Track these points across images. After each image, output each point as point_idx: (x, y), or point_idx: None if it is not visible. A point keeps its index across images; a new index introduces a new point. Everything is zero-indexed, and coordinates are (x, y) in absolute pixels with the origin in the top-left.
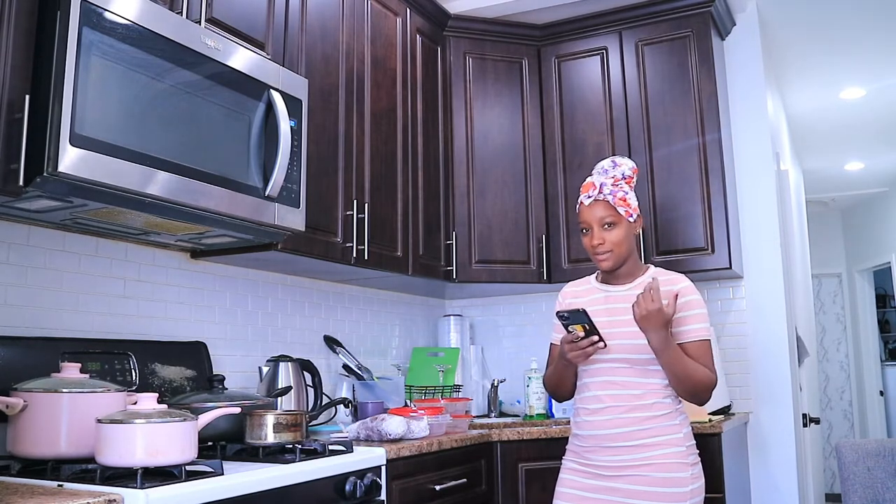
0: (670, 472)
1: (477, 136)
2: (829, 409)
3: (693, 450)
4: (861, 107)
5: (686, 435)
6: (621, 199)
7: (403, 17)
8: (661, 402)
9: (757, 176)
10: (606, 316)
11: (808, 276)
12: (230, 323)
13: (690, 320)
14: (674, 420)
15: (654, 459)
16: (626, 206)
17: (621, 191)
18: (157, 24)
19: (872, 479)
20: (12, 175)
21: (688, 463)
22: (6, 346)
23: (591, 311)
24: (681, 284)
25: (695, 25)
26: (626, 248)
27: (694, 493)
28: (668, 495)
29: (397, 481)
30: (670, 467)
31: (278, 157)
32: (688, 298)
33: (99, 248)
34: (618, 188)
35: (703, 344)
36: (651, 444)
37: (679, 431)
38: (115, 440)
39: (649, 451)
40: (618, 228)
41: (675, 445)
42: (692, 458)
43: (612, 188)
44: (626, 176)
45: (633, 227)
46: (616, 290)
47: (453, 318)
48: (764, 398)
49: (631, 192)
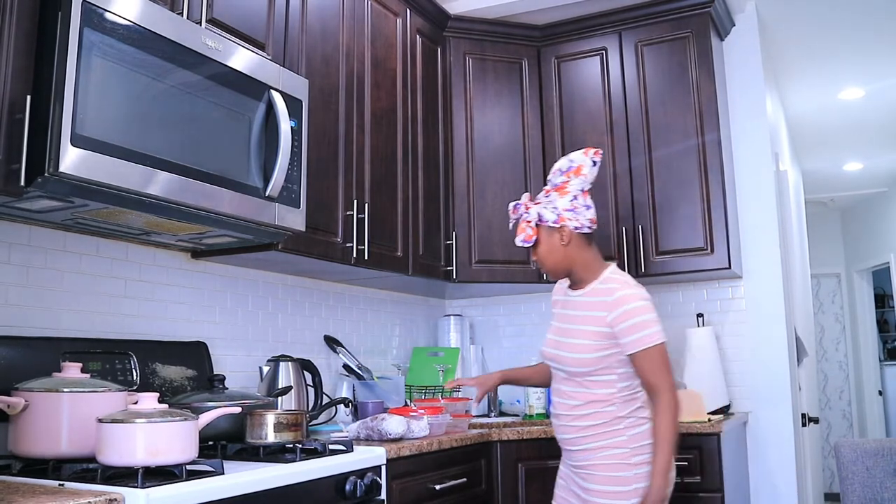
0: (613, 472)
1: (477, 137)
2: (828, 408)
3: (640, 451)
4: (860, 107)
5: (631, 437)
6: (536, 216)
7: (403, 18)
8: (601, 412)
9: (756, 176)
10: (560, 322)
11: (807, 276)
12: (231, 323)
13: (628, 332)
14: (616, 426)
15: (597, 460)
16: (540, 220)
17: (535, 206)
18: (157, 24)
19: (871, 479)
20: (13, 175)
21: (631, 464)
22: (7, 345)
23: (553, 313)
24: (618, 294)
25: (694, 26)
26: (557, 258)
27: (639, 492)
28: (612, 493)
29: (397, 481)
30: (613, 468)
31: (279, 158)
32: (625, 308)
33: (100, 249)
34: (533, 204)
35: (645, 354)
36: (593, 449)
37: (622, 435)
38: (116, 440)
39: (592, 455)
40: (541, 244)
41: (617, 448)
42: (637, 458)
43: (524, 210)
44: (557, 184)
45: (556, 234)
46: (573, 297)
47: (453, 318)
48: (763, 398)
49: (558, 200)
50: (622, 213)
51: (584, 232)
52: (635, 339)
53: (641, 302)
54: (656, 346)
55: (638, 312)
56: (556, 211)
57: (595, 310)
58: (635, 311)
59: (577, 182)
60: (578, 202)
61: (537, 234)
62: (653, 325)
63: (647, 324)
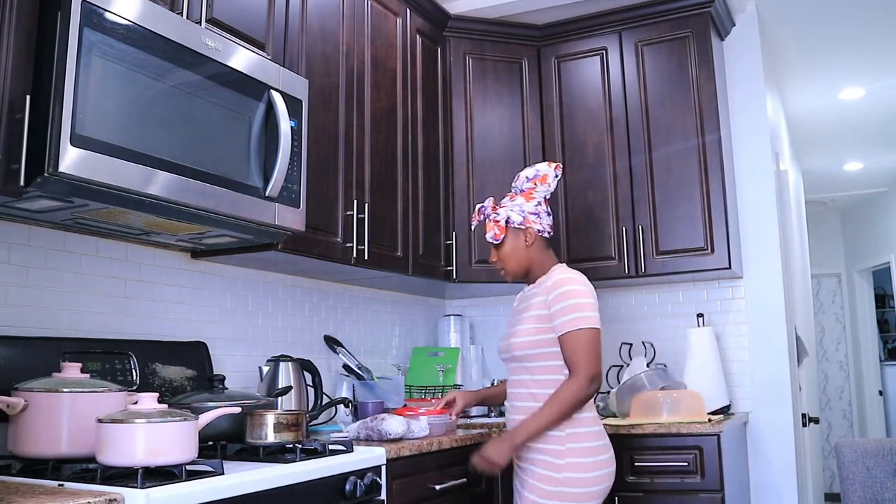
0: (544, 469)
1: (477, 136)
2: (829, 408)
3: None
4: (860, 107)
5: (569, 436)
6: (505, 217)
7: (403, 18)
8: (536, 405)
9: (756, 176)
10: (513, 318)
11: (807, 276)
12: (230, 323)
13: (559, 314)
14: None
15: (531, 452)
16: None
17: (503, 208)
18: (157, 24)
19: (871, 479)
20: (13, 175)
21: (561, 464)
22: (7, 345)
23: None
24: (555, 277)
25: (694, 26)
26: (520, 257)
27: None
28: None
29: (397, 481)
30: (544, 465)
31: (278, 157)
32: (560, 290)
33: (99, 248)
34: (500, 206)
35: (572, 336)
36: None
37: (561, 431)
38: (116, 440)
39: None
40: (506, 244)
41: (556, 443)
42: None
43: (491, 211)
44: (523, 189)
45: (522, 235)
46: (526, 294)
47: (453, 318)
48: (763, 398)
49: (524, 204)
50: (622, 212)
51: (545, 236)
52: (567, 321)
53: (578, 286)
54: (587, 329)
55: (573, 295)
56: (522, 213)
57: (537, 297)
58: (570, 294)
59: (542, 189)
60: (542, 208)
61: (505, 233)
62: (587, 309)
63: (580, 307)
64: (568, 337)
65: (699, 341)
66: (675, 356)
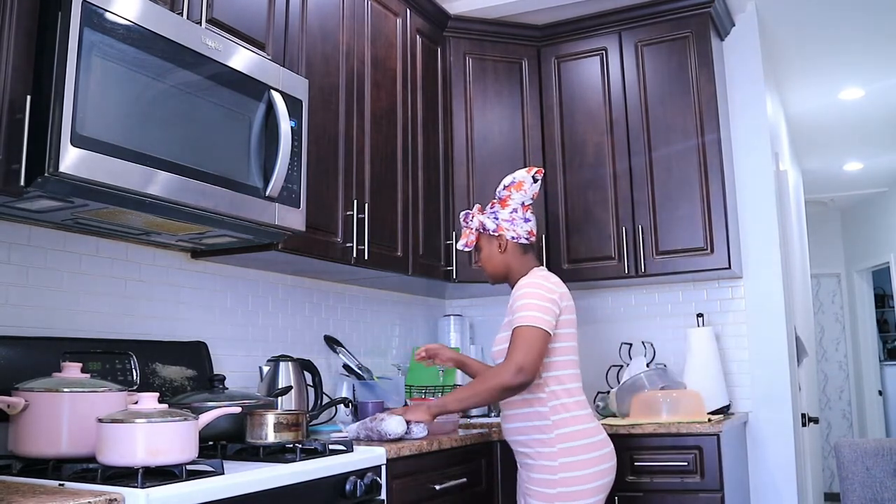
0: (542, 473)
1: (477, 137)
2: (828, 408)
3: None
4: (860, 107)
5: (558, 436)
6: (479, 223)
7: (403, 18)
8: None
9: (756, 176)
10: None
11: (807, 276)
12: (230, 323)
13: (515, 311)
14: (545, 420)
15: (528, 458)
16: (483, 229)
17: (480, 215)
18: (157, 24)
19: (871, 479)
20: (13, 175)
21: (555, 465)
22: (7, 345)
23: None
24: (520, 282)
25: (694, 26)
26: (496, 263)
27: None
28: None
29: (397, 481)
30: (541, 469)
31: (278, 158)
32: (516, 295)
33: (99, 249)
34: (480, 214)
35: (514, 331)
36: (522, 442)
37: (550, 433)
38: (116, 440)
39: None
40: (482, 250)
41: (547, 446)
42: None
43: (469, 219)
44: (501, 197)
45: (496, 242)
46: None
47: (453, 318)
48: (763, 398)
49: (500, 211)
50: (622, 213)
51: (522, 242)
52: (516, 318)
53: (530, 288)
54: (526, 326)
55: (523, 296)
56: (496, 221)
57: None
58: (521, 296)
59: (517, 196)
60: (517, 215)
61: (478, 240)
62: (535, 309)
63: (526, 306)
64: (515, 331)
65: (699, 341)
66: (675, 356)
